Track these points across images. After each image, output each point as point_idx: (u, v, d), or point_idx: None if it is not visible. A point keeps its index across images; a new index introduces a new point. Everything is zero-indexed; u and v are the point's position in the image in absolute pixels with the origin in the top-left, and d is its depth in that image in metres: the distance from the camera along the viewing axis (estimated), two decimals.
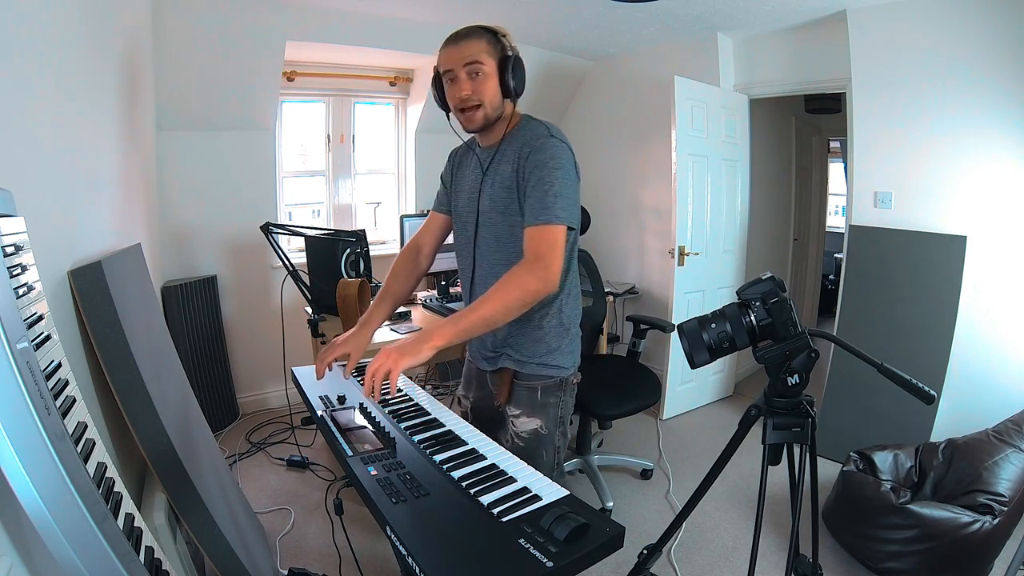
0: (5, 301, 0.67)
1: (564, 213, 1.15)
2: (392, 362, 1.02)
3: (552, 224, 1.14)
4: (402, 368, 1.03)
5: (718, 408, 3.45)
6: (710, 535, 2.15)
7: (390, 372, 1.02)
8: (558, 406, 1.35)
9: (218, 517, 1.28)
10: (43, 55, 1.14)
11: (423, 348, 1.04)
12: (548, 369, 1.31)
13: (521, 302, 1.10)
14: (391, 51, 3.15)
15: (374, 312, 1.38)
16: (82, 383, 1.05)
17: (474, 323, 1.08)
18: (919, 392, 1.05)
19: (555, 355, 1.31)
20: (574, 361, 1.36)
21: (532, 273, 1.11)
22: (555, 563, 0.68)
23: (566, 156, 1.20)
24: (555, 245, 1.14)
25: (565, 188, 1.16)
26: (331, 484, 2.45)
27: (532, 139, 1.22)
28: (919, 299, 2.51)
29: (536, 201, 1.16)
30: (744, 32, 3.15)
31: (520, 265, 1.13)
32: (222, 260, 3.06)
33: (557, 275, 1.13)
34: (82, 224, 1.36)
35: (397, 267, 1.47)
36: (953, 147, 2.44)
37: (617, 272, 3.92)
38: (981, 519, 1.75)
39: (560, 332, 1.32)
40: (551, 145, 1.19)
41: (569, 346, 1.34)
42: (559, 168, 1.17)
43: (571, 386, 1.37)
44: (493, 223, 1.29)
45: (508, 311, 1.10)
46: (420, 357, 1.04)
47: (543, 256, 1.12)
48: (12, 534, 0.70)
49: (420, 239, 1.49)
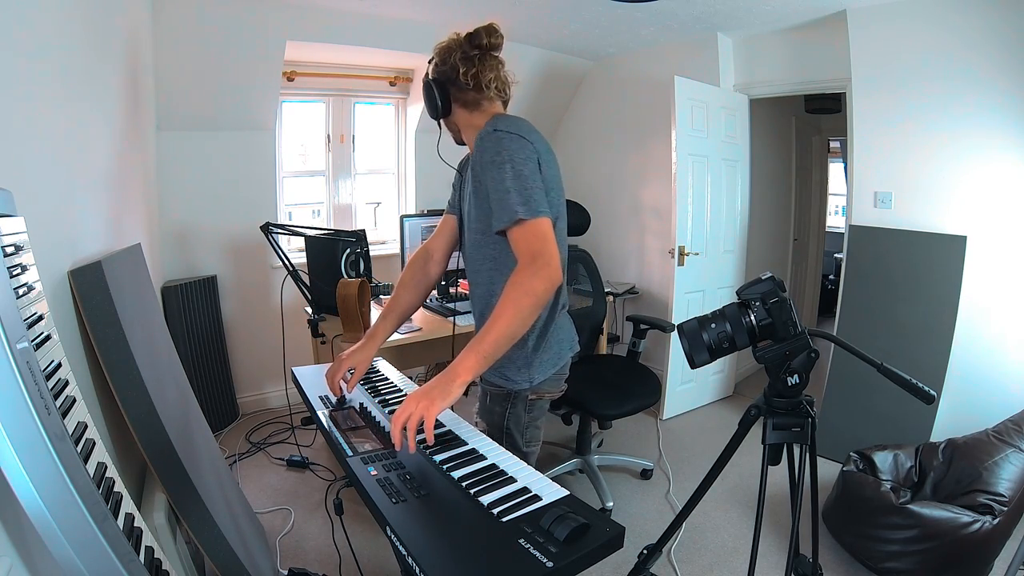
0: (5, 301, 0.67)
1: (533, 204, 1.09)
2: (423, 409, 0.94)
3: (529, 219, 1.08)
4: (435, 415, 0.95)
5: (718, 408, 3.44)
6: (710, 535, 2.15)
7: (424, 420, 0.94)
8: (503, 416, 1.29)
9: (218, 517, 1.28)
10: (43, 55, 1.14)
11: (452, 388, 0.97)
12: (496, 377, 1.27)
13: (534, 306, 1.05)
14: (391, 51, 3.15)
15: (380, 325, 1.35)
16: (82, 383, 1.05)
17: (496, 344, 1.01)
18: (919, 392, 1.05)
19: (507, 365, 1.25)
20: (529, 377, 1.26)
21: (536, 274, 1.05)
22: (555, 563, 0.68)
23: (512, 144, 1.13)
24: (545, 238, 1.08)
25: (520, 179, 1.10)
26: (331, 484, 2.45)
27: (479, 139, 1.18)
28: (919, 299, 2.51)
29: (499, 203, 1.11)
30: (744, 32, 3.15)
31: (519, 270, 1.08)
32: (222, 260, 3.06)
33: (558, 268, 1.08)
34: (82, 224, 1.36)
35: (405, 277, 1.42)
36: (953, 147, 2.44)
37: (617, 272, 3.92)
38: (981, 519, 1.75)
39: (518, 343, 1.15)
40: (492, 140, 1.14)
41: (527, 360, 1.25)
42: (510, 160, 1.11)
43: (524, 401, 1.29)
44: (470, 229, 1.30)
45: (524, 319, 1.04)
46: (451, 399, 0.98)
47: (539, 253, 1.07)
48: (12, 534, 0.70)
49: (431, 244, 1.44)
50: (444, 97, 1.28)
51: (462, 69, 1.24)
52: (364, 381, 1.36)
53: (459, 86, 1.26)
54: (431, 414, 0.94)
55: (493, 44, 1.25)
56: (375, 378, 1.39)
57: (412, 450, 0.94)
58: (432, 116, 1.33)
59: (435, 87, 1.28)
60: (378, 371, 1.45)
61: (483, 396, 1.32)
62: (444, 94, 1.28)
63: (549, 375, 1.30)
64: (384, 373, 1.43)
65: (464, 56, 1.24)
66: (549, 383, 1.31)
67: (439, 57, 1.28)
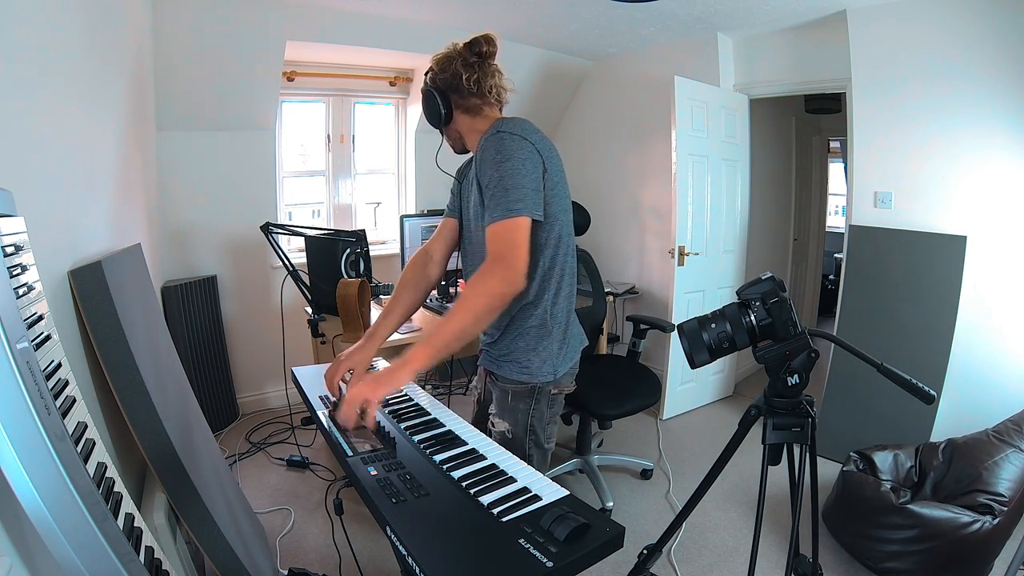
0: (5, 301, 0.67)
1: (520, 204, 1.10)
2: (369, 391, 1.01)
3: (508, 218, 1.10)
4: (380, 398, 1.01)
5: (718, 408, 3.44)
6: (710, 535, 2.15)
7: (367, 402, 1.00)
8: (528, 413, 1.29)
9: (218, 517, 1.28)
10: (44, 55, 1.14)
11: (400, 375, 1.03)
12: (520, 373, 1.27)
13: (488, 307, 1.07)
14: (391, 51, 3.15)
15: (379, 326, 1.35)
16: (82, 383, 1.05)
17: (447, 339, 1.05)
18: (919, 392, 1.05)
19: (530, 358, 1.27)
20: (554, 369, 1.28)
21: (494, 275, 1.07)
22: (555, 563, 0.68)
23: (516, 145, 1.15)
24: (515, 241, 1.09)
25: (518, 178, 1.12)
26: (331, 484, 2.45)
27: (483, 140, 1.22)
28: (919, 299, 2.51)
29: (490, 199, 1.13)
30: (744, 32, 3.15)
31: (482, 268, 1.09)
32: (222, 260, 3.06)
33: (522, 272, 1.09)
34: (82, 224, 1.36)
35: (405, 277, 1.43)
36: (953, 147, 2.44)
37: (617, 272, 3.92)
38: (981, 519, 1.75)
39: (540, 333, 1.26)
40: (496, 140, 1.17)
41: (548, 350, 1.27)
42: (508, 160, 1.13)
43: (548, 396, 1.30)
44: (469, 229, 1.32)
45: (478, 319, 1.07)
46: (395, 385, 1.04)
47: (503, 255, 1.08)
48: (12, 534, 0.70)
49: (431, 246, 1.45)
50: (446, 104, 1.29)
51: (465, 75, 1.26)
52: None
53: (461, 92, 1.28)
54: (376, 397, 1.01)
55: (491, 52, 1.29)
56: None
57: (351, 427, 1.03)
58: (433, 125, 1.35)
59: (437, 95, 1.29)
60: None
61: (503, 396, 1.32)
62: (446, 101, 1.29)
63: (568, 368, 1.33)
64: None
65: (465, 62, 1.27)
66: (567, 376, 1.35)
67: (438, 66, 1.29)
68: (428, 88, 1.31)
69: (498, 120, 1.26)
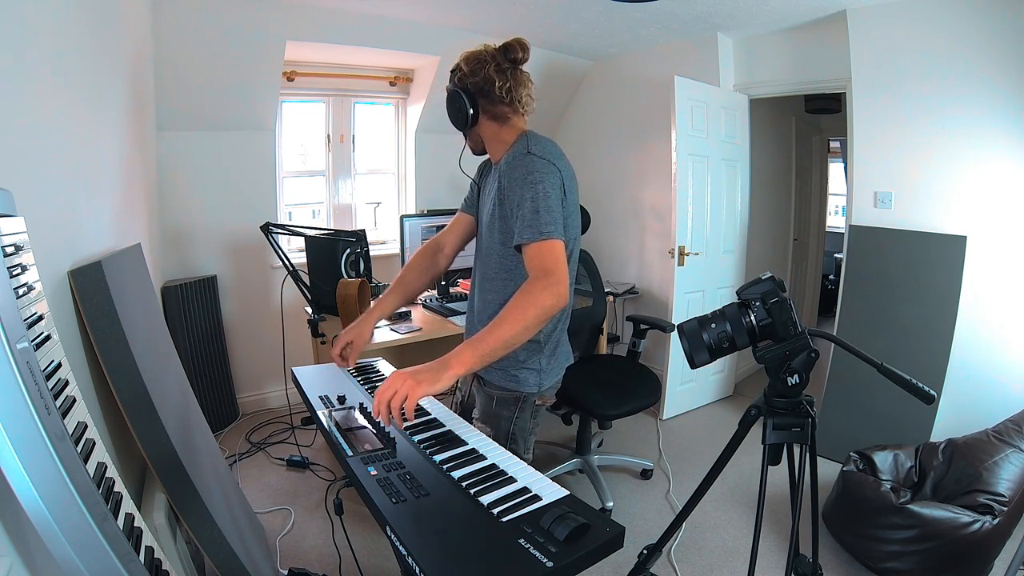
0: (5, 301, 0.67)
1: (552, 227, 1.13)
2: (408, 389, 0.95)
3: (544, 240, 1.12)
4: (419, 397, 0.96)
5: (718, 408, 3.44)
6: (710, 535, 2.15)
7: (407, 399, 0.95)
8: (511, 421, 1.31)
9: (218, 517, 1.28)
10: (44, 55, 1.14)
11: (442, 376, 0.98)
12: (507, 381, 1.29)
13: (538, 319, 1.07)
14: (391, 51, 3.15)
15: (384, 300, 1.38)
16: (82, 383, 1.05)
17: (494, 346, 1.04)
18: (919, 392, 1.05)
19: (520, 369, 1.29)
20: (539, 382, 1.30)
21: (546, 289, 1.08)
22: (555, 563, 0.68)
23: (545, 170, 1.17)
24: (559, 260, 1.12)
25: (549, 202, 1.14)
26: (331, 484, 2.45)
27: (512, 158, 1.22)
28: (919, 299, 2.51)
29: (526, 218, 1.14)
30: (744, 32, 3.15)
31: (531, 282, 1.10)
32: (222, 260, 3.06)
33: (567, 289, 1.12)
34: (82, 224, 1.36)
35: (414, 262, 1.45)
36: (953, 147, 2.44)
37: (617, 272, 3.92)
38: (981, 519, 1.75)
39: (532, 348, 1.28)
40: (528, 161, 1.18)
41: (538, 364, 1.30)
42: (540, 182, 1.15)
43: (532, 406, 1.32)
44: (483, 236, 1.33)
45: (527, 329, 1.07)
46: (439, 386, 0.98)
47: (552, 271, 1.10)
48: (12, 534, 0.70)
49: (442, 238, 1.47)
50: (475, 107, 1.26)
51: (498, 82, 1.23)
52: (364, 381, 1.37)
53: (492, 99, 1.25)
54: (415, 395, 0.95)
55: (524, 59, 1.26)
56: (375, 378, 1.39)
57: (398, 425, 1.00)
58: (457, 127, 1.31)
59: (465, 97, 1.25)
60: (378, 371, 1.45)
61: (487, 401, 1.33)
62: (474, 104, 1.26)
63: (552, 383, 1.35)
64: (384, 373, 1.43)
65: (499, 68, 1.23)
66: (550, 390, 1.36)
67: (468, 67, 1.25)
68: (455, 89, 1.27)
69: (525, 135, 1.25)
